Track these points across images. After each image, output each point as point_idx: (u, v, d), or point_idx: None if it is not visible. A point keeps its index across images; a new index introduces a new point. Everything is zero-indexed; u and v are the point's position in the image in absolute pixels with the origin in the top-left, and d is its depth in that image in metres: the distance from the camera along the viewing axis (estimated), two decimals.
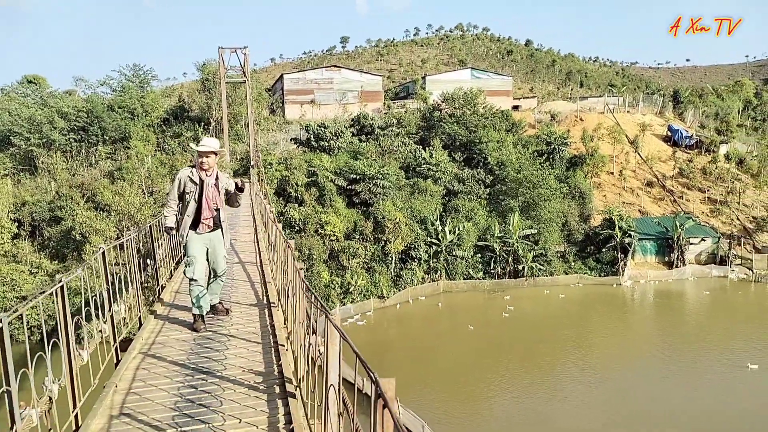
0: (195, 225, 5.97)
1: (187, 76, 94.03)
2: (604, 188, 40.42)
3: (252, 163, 32.85)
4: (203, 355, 4.93)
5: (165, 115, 39.06)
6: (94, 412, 3.70)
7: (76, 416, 3.61)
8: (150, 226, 7.34)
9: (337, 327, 2.61)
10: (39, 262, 28.15)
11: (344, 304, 28.21)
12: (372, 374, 1.88)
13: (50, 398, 3.25)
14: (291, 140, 39.10)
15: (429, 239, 31.93)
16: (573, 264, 33.91)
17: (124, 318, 5.26)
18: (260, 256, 9.70)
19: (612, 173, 41.68)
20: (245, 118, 37.24)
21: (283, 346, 4.94)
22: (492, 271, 32.82)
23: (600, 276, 33.30)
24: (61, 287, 3.65)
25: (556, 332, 25.60)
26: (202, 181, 5.89)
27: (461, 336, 25.22)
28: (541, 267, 32.60)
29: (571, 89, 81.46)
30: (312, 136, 36.77)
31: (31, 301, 3.46)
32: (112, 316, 4.69)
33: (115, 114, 35.32)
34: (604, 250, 33.88)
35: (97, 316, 4.45)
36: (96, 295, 4.45)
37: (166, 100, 42.36)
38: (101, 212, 28.16)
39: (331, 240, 30.31)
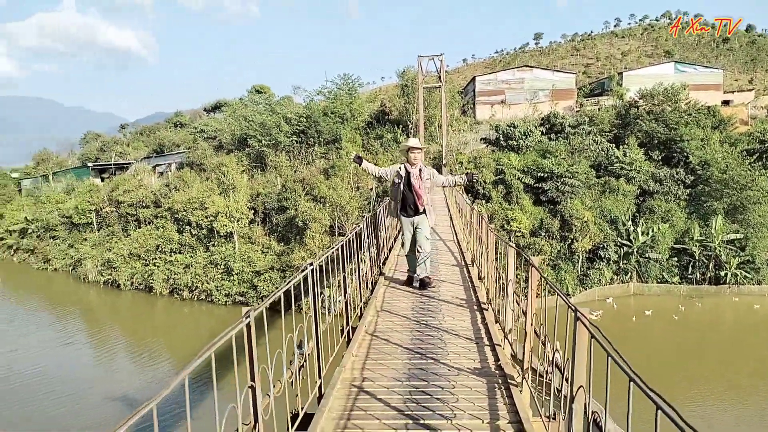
0: (404, 210, 7.33)
1: (385, 80, 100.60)
2: None
3: (444, 162, 35.46)
4: (424, 290, 7.19)
5: (369, 119, 43.50)
6: (368, 309, 6.13)
7: (361, 308, 6.03)
8: (375, 212, 9.79)
9: (510, 244, 4.52)
10: (269, 243, 33.79)
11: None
12: (523, 252, 3.76)
13: (346, 302, 5.59)
14: (480, 140, 41.00)
15: (620, 240, 31.50)
16: None
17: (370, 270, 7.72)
18: (457, 236, 11.96)
19: None
20: (439, 120, 40.05)
21: (477, 286, 7.02)
22: (690, 276, 31.26)
23: None
24: (348, 240, 6.00)
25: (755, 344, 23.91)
26: (408, 172, 7.26)
27: (651, 340, 24.76)
28: (747, 275, 30.20)
29: None
30: (501, 135, 38.25)
31: (329, 250, 5.84)
32: (371, 258, 7.16)
33: (328, 119, 40.40)
34: None
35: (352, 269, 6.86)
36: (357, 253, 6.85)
37: (369, 105, 46.92)
38: (318, 203, 32.89)
39: (517, 236, 31.59)
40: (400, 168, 7.42)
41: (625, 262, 31.39)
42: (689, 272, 31.13)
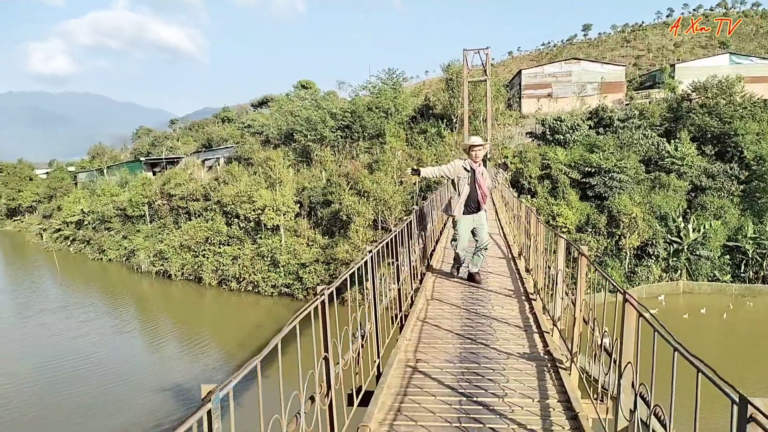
0: (466, 207, 7.26)
1: (429, 74, 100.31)
2: None
3: (488, 156, 35.26)
4: (472, 282, 7.39)
5: (413, 113, 43.63)
6: (418, 297, 6.40)
7: (411, 296, 6.29)
8: (421, 207, 9.99)
9: (560, 235, 4.68)
10: (314, 236, 34.40)
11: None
12: (572, 243, 3.91)
13: (399, 289, 5.84)
14: (526, 134, 40.58)
15: (669, 236, 30.74)
16: None
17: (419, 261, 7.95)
18: (503, 230, 12.08)
19: None
20: (484, 114, 39.84)
21: (525, 278, 7.17)
22: (743, 274, 30.27)
23: None
24: (400, 230, 6.25)
25: None
26: (473, 170, 7.23)
27: (702, 338, 24.14)
28: None
29: None
30: (547, 129, 37.78)
31: (383, 241, 6.11)
32: (420, 249, 7.40)
33: (372, 113, 40.74)
34: None
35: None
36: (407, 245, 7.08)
37: (414, 99, 47.05)
38: (362, 197, 33.27)
39: (563, 231, 31.21)
40: (464, 164, 7.34)
41: (674, 259, 30.61)
42: (742, 270, 30.15)
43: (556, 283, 5.02)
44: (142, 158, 57.63)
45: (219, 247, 35.77)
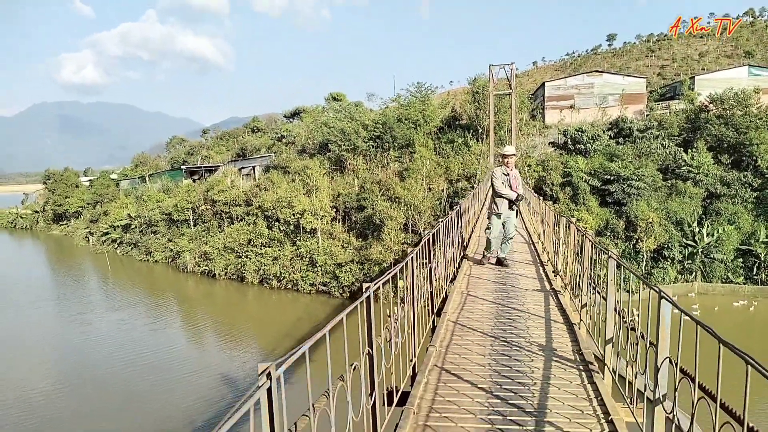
0: (508, 204, 8.90)
1: (454, 84, 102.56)
2: None
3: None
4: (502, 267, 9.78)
5: (440, 124, 45.98)
6: (459, 275, 8.74)
7: (453, 274, 8.64)
8: (460, 205, 12.32)
9: (563, 216, 7.07)
10: (348, 239, 36.84)
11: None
12: (566, 217, 6.30)
13: (446, 262, 8.22)
14: (549, 143, 42.64)
15: (684, 240, 32.48)
16: None
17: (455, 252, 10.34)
18: (526, 226, 14.47)
19: None
20: (508, 124, 42.06)
21: (540, 252, 9.56)
22: (755, 276, 31.91)
23: None
24: (448, 219, 8.66)
25: None
26: (508, 174, 8.94)
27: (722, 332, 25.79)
28: None
29: None
30: (569, 139, 39.82)
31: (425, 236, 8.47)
32: (460, 239, 9.83)
33: (402, 125, 43.14)
34: None
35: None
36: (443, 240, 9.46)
37: (441, 111, 49.37)
38: (393, 203, 35.65)
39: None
40: (503, 170, 8.96)
41: (689, 262, 32.34)
42: (754, 273, 31.80)
43: (558, 247, 7.40)
44: (183, 167, 60.96)
45: (261, 249, 38.32)
